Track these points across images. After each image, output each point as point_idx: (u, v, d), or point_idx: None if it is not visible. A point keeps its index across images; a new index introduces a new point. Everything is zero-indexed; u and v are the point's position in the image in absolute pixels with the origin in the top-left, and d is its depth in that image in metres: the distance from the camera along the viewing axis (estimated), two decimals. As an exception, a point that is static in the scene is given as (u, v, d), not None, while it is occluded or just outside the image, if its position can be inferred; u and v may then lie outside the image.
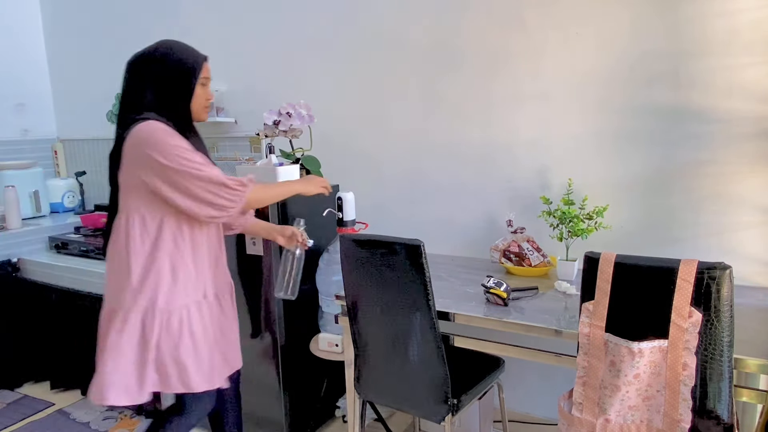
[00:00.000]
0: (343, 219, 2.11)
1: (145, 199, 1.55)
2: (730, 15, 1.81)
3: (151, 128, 1.52)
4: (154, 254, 1.57)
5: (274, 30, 2.80)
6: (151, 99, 1.60)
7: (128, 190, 1.57)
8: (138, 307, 1.55)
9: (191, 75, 1.64)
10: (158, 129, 1.53)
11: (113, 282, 1.59)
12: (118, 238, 1.59)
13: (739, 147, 1.85)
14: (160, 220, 1.57)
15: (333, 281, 2.23)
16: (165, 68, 1.60)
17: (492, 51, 2.25)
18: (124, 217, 1.58)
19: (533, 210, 2.25)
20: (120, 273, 1.57)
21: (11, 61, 3.60)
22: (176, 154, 1.51)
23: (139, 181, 1.54)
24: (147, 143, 1.50)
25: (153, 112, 1.59)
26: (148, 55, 1.62)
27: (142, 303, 1.55)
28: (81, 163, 3.77)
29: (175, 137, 1.54)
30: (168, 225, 1.58)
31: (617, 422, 1.33)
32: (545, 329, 1.56)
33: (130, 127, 1.54)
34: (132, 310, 1.55)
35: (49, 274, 2.90)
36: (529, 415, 2.39)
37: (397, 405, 1.78)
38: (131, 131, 1.53)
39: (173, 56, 1.62)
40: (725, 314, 1.22)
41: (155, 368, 1.58)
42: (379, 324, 1.72)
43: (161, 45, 1.64)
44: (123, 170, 1.56)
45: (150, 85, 1.60)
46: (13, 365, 3.02)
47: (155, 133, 1.52)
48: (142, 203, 1.56)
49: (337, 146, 2.71)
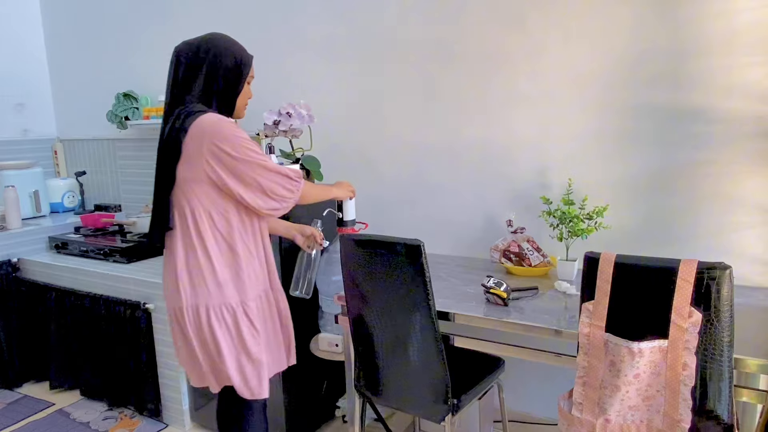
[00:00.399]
0: (343, 219, 2.11)
1: (211, 193, 1.55)
2: (730, 15, 1.81)
3: (214, 120, 1.51)
4: (229, 248, 1.59)
5: (274, 30, 2.80)
6: (202, 90, 1.59)
7: (190, 185, 1.54)
8: (226, 299, 1.58)
9: (243, 71, 1.64)
10: (223, 121, 1.52)
11: (188, 279, 1.58)
12: (185, 234, 1.57)
13: (739, 147, 1.85)
14: (226, 214, 1.58)
15: (333, 281, 2.23)
16: (220, 61, 1.59)
17: (492, 51, 2.25)
18: (189, 213, 1.56)
19: (533, 210, 2.25)
20: (195, 270, 1.57)
21: (11, 61, 3.60)
22: (245, 146, 1.52)
23: (204, 174, 1.52)
24: (214, 135, 1.49)
25: (201, 104, 1.58)
26: (203, 46, 1.59)
27: (229, 296, 1.58)
28: (81, 163, 3.77)
29: (240, 129, 1.54)
30: (234, 219, 1.59)
31: (617, 422, 1.33)
32: (545, 329, 1.56)
33: (187, 119, 1.52)
34: (223, 304, 1.58)
35: (49, 274, 2.90)
36: (529, 415, 2.39)
37: (397, 405, 1.78)
38: (193, 124, 1.51)
39: (229, 50, 1.61)
40: (725, 314, 1.22)
41: (247, 357, 1.64)
42: (380, 324, 1.72)
43: (215, 37, 1.62)
44: (184, 164, 1.54)
45: (203, 76, 1.58)
46: (13, 365, 3.02)
47: (221, 125, 1.51)
48: (207, 198, 1.55)
49: (337, 146, 2.71)
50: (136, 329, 2.55)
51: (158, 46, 3.25)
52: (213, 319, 1.57)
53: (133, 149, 3.46)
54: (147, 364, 2.55)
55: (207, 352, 1.61)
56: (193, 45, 1.60)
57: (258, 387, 1.65)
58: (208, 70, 1.59)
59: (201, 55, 1.58)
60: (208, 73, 1.59)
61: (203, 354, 1.62)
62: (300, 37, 2.73)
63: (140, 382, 2.61)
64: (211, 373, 1.65)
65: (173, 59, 1.61)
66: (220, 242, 1.58)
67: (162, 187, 1.58)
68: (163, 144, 1.57)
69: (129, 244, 2.82)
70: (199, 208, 1.55)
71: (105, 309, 2.64)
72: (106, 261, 2.82)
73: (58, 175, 3.83)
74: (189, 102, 1.58)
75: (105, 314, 2.64)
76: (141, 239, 2.87)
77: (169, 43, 3.19)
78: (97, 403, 2.84)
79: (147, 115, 3.10)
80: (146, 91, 3.32)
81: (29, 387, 3.08)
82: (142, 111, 3.19)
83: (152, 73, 3.31)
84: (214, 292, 1.57)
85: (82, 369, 2.83)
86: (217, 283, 1.57)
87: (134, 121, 3.19)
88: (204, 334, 1.59)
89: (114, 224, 3.16)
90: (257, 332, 1.64)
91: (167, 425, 2.60)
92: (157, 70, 3.29)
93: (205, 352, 1.61)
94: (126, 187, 3.56)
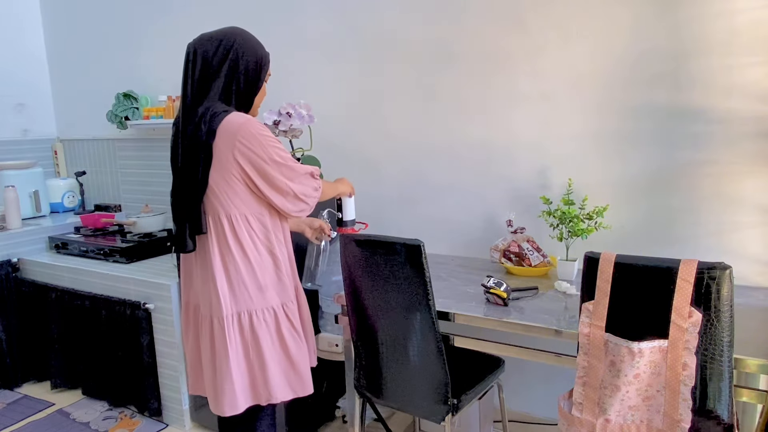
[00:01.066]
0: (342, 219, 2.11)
1: (245, 197, 1.53)
2: (730, 15, 1.81)
3: (242, 121, 1.48)
4: (268, 252, 1.59)
5: (274, 30, 2.80)
6: (222, 89, 1.53)
7: (223, 188, 1.51)
8: (267, 303, 1.58)
9: (263, 69, 1.61)
10: (251, 121, 1.49)
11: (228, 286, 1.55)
12: (221, 239, 1.54)
13: (739, 147, 1.85)
14: (261, 218, 1.57)
15: (333, 281, 2.23)
16: (243, 60, 1.54)
17: (492, 51, 2.25)
18: (225, 217, 1.52)
19: (533, 210, 2.25)
20: (235, 276, 1.55)
21: (11, 61, 3.61)
22: (274, 147, 1.50)
23: (236, 177, 1.50)
24: (243, 136, 1.47)
25: (221, 102, 1.52)
26: (225, 43, 1.53)
27: (270, 299, 1.58)
28: (81, 163, 3.77)
29: (267, 129, 1.52)
30: (269, 222, 1.58)
31: (617, 422, 1.33)
32: (545, 329, 1.56)
33: (213, 120, 1.47)
34: (264, 307, 1.58)
35: (49, 274, 2.90)
36: (529, 415, 2.39)
37: (397, 405, 1.78)
38: (221, 125, 1.47)
39: (251, 48, 1.56)
40: (725, 314, 1.22)
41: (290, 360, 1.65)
42: (380, 324, 1.72)
43: (236, 33, 1.55)
44: (216, 167, 1.49)
45: (224, 74, 1.52)
46: (13, 365, 3.02)
47: (249, 125, 1.48)
48: (242, 202, 1.53)
49: (337, 146, 2.71)
50: (136, 329, 2.55)
51: (158, 46, 3.25)
52: (255, 323, 1.56)
53: (133, 149, 3.46)
54: (147, 364, 2.55)
55: (248, 361, 1.58)
56: (214, 41, 1.52)
57: (300, 385, 1.65)
58: (230, 69, 1.53)
59: (222, 53, 1.52)
60: (230, 72, 1.53)
61: (246, 363, 1.58)
62: (300, 37, 2.73)
63: (140, 382, 2.61)
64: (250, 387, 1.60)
65: (191, 55, 1.53)
66: (258, 246, 1.56)
67: (192, 191, 1.52)
68: (188, 145, 1.50)
69: (129, 244, 2.82)
70: (234, 212, 1.52)
71: (105, 309, 2.64)
72: (106, 261, 2.82)
73: (58, 175, 3.83)
74: (209, 100, 1.51)
75: (105, 314, 2.65)
76: (141, 239, 2.87)
77: (169, 43, 3.19)
78: (97, 403, 2.84)
79: (147, 115, 3.10)
80: (146, 91, 3.32)
81: (29, 387, 3.08)
82: (142, 111, 3.19)
83: (152, 73, 3.31)
84: (256, 297, 1.56)
85: (83, 369, 2.83)
86: (259, 287, 1.56)
87: (134, 121, 3.19)
88: (246, 341, 1.57)
89: (114, 224, 3.16)
90: (297, 333, 1.64)
91: (167, 425, 2.60)
92: (157, 69, 3.29)
93: (247, 361, 1.58)
94: (126, 187, 3.56)
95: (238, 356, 1.57)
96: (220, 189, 1.51)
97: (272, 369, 1.59)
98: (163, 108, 3.05)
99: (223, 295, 1.54)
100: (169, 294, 2.43)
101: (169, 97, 3.04)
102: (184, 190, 1.52)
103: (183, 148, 1.51)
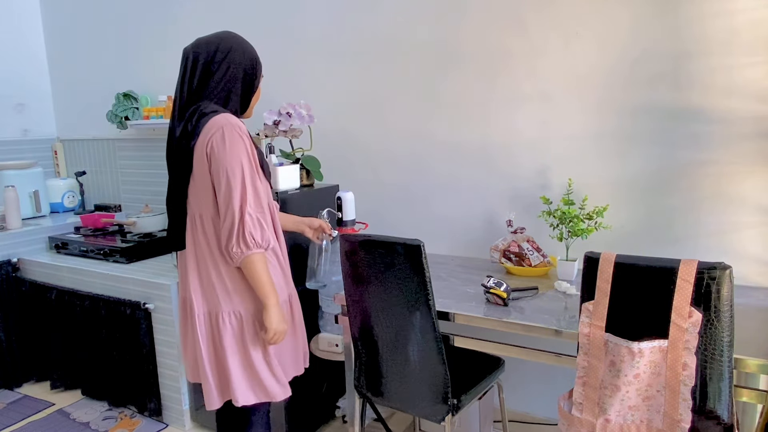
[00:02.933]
0: (342, 219, 2.11)
1: (213, 198, 1.54)
2: (730, 15, 1.81)
3: (223, 122, 1.48)
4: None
5: (274, 30, 2.80)
6: (219, 92, 1.55)
7: (198, 188, 1.53)
8: (234, 307, 1.58)
9: (258, 72, 1.63)
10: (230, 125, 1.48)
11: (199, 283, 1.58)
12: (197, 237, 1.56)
13: (739, 147, 1.85)
14: None
15: (333, 281, 2.23)
16: (239, 63, 1.56)
17: (492, 51, 2.25)
18: (198, 217, 1.55)
19: (533, 210, 2.25)
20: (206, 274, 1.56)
21: (11, 61, 3.60)
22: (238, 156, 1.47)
23: (207, 179, 1.51)
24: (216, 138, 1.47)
25: (214, 104, 1.54)
26: (221, 47, 1.55)
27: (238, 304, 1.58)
28: (81, 163, 3.77)
29: (247, 138, 1.51)
30: None
31: (617, 422, 1.33)
32: (545, 329, 1.56)
33: (199, 122, 1.49)
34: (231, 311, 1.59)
35: (49, 274, 2.90)
36: (529, 415, 2.39)
37: (397, 405, 1.78)
38: (205, 126, 1.48)
39: (246, 52, 1.59)
40: (725, 314, 1.22)
41: None
42: (379, 324, 1.72)
43: (229, 37, 1.58)
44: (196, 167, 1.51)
45: (221, 78, 1.54)
46: (13, 365, 3.02)
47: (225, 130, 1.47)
48: (211, 202, 1.54)
49: (337, 146, 2.71)
50: (136, 329, 2.55)
51: (158, 46, 3.25)
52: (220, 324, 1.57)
53: (133, 149, 3.46)
54: (147, 364, 2.55)
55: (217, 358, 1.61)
56: (211, 45, 1.55)
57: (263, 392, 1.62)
58: (226, 72, 1.55)
59: (219, 57, 1.54)
60: (227, 76, 1.55)
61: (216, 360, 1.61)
62: (300, 37, 2.73)
63: (140, 382, 2.61)
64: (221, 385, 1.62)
65: (188, 59, 1.55)
66: None
67: (177, 190, 1.56)
68: (175, 146, 1.54)
69: (129, 244, 2.82)
70: (206, 213, 1.54)
71: (105, 309, 2.64)
72: (106, 261, 2.82)
73: (58, 175, 3.83)
74: (203, 101, 1.54)
75: (105, 314, 2.64)
76: (141, 239, 2.87)
77: (169, 44, 3.19)
78: (97, 403, 2.84)
79: (147, 115, 3.10)
80: (146, 91, 3.32)
81: (29, 387, 3.08)
82: (142, 111, 3.19)
83: (152, 73, 3.31)
84: (224, 299, 1.56)
85: (82, 369, 2.83)
86: (226, 290, 1.56)
87: (134, 121, 3.19)
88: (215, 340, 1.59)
89: (114, 224, 3.16)
90: (261, 341, 1.62)
91: (167, 425, 2.60)
92: (156, 70, 3.29)
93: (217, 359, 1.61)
94: (126, 187, 3.56)
95: (209, 353, 1.60)
96: (197, 189, 1.54)
97: (234, 372, 1.57)
98: (163, 108, 3.05)
99: (194, 292, 1.58)
100: (169, 294, 2.43)
101: (169, 97, 3.04)
102: (171, 188, 1.58)
103: (169, 148, 1.56)
